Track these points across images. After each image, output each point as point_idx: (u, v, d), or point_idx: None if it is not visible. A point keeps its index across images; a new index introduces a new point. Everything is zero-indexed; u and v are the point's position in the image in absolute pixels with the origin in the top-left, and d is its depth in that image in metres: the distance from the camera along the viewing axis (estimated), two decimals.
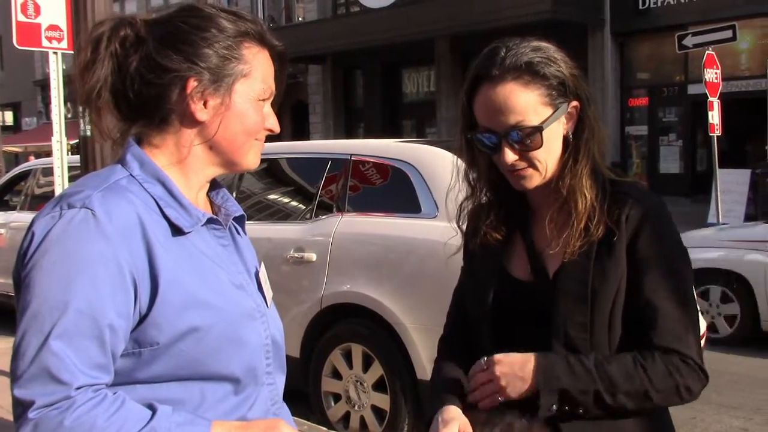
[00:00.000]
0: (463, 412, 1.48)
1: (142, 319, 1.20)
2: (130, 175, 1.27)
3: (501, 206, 1.60)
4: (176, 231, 1.26)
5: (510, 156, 1.47)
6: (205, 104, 1.28)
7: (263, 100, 1.34)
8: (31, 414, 1.10)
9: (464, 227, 1.69)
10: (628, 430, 1.46)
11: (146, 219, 1.22)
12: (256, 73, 1.31)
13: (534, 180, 1.49)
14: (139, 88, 1.28)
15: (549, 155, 1.48)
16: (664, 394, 1.42)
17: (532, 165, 1.48)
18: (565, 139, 1.50)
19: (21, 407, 1.11)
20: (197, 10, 1.31)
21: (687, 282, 1.48)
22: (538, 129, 1.45)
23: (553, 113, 1.46)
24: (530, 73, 1.45)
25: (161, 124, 1.30)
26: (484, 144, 1.50)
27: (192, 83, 1.27)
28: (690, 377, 1.42)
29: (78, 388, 1.12)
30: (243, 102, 1.30)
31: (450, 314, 1.75)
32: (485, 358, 1.46)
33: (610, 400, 1.40)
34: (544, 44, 1.50)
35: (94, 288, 1.14)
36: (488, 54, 1.49)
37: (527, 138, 1.45)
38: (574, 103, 1.49)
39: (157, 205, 1.25)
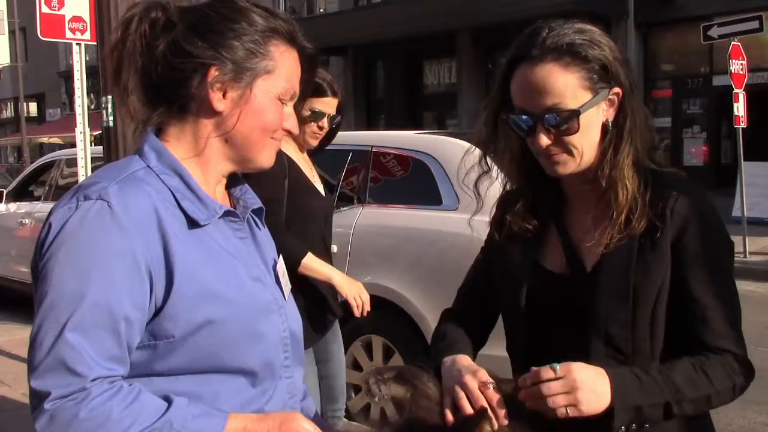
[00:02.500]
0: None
1: (158, 311, 1.20)
2: (147, 166, 1.27)
3: (531, 194, 1.55)
4: (192, 223, 1.25)
5: (544, 139, 1.41)
6: (224, 95, 1.28)
7: (284, 100, 1.33)
8: (47, 405, 1.10)
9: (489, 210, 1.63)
10: None
11: (162, 211, 1.22)
12: (280, 72, 1.31)
13: (569, 166, 1.44)
14: (162, 70, 1.28)
15: (585, 141, 1.42)
16: (723, 395, 1.38)
17: (567, 150, 1.43)
18: (605, 126, 1.44)
19: (37, 398, 1.12)
20: (231, 2, 1.31)
21: (731, 276, 1.44)
22: (575, 113, 1.39)
23: (593, 98, 1.40)
24: (571, 54, 1.39)
25: (180, 113, 1.30)
26: (519, 126, 1.44)
27: (213, 72, 1.26)
28: (743, 376, 1.40)
29: (93, 380, 1.12)
30: (263, 98, 1.30)
31: (463, 290, 1.70)
32: (557, 366, 1.30)
33: (677, 410, 1.35)
34: (588, 27, 1.44)
35: (109, 280, 1.15)
36: (529, 34, 1.44)
37: (564, 122, 1.40)
38: (616, 89, 1.43)
39: (174, 197, 1.25)
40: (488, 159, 1.58)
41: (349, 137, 5.54)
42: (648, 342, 1.41)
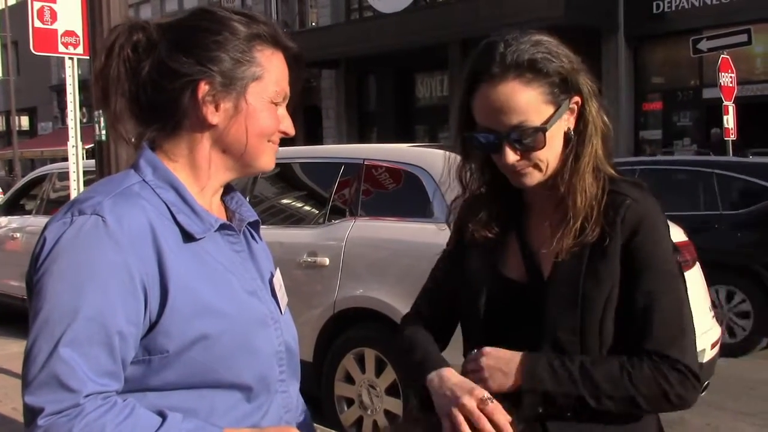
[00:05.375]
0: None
1: (152, 326, 1.19)
2: (143, 180, 1.26)
3: (494, 203, 1.56)
4: (188, 237, 1.25)
5: (511, 157, 1.42)
6: (216, 107, 1.27)
7: (277, 102, 1.33)
8: (40, 421, 1.10)
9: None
10: None
11: (157, 225, 1.21)
12: (269, 76, 1.30)
13: (535, 178, 1.45)
14: (151, 93, 1.27)
15: (551, 153, 1.44)
16: (652, 400, 1.38)
17: (533, 164, 1.44)
18: (567, 135, 1.45)
19: (31, 414, 1.11)
20: (210, 14, 1.30)
21: (680, 285, 1.44)
22: (542, 130, 1.40)
23: (556, 111, 1.41)
24: (533, 70, 1.39)
25: (174, 129, 1.30)
26: (482, 144, 1.45)
27: (203, 87, 1.26)
28: (680, 385, 1.38)
29: (87, 396, 1.12)
30: (256, 104, 1.29)
31: (424, 295, 1.70)
32: (475, 350, 1.45)
33: (594, 404, 1.37)
34: (545, 38, 1.43)
35: (104, 295, 1.14)
36: (486, 50, 1.42)
37: (530, 139, 1.40)
38: (576, 98, 1.44)
39: (169, 210, 1.25)
40: (466, 174, 1.58)
41: (341, 150, 5.56)
42: (597, 349, 1.42)
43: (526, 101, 1.39)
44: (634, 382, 1.37)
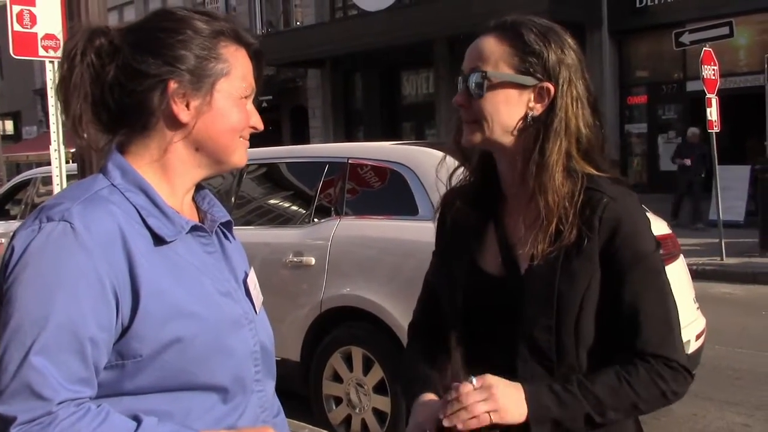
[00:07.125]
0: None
1: (125, 331, 1.19)
2: (112, 184, 1.26)
3: (471, 191, 1.57)
4: (159, 240, 1.24)
5: (459, 97, 1.48)
6: (187, 106, 1.27)
7: (245, 97, 1.33)
8: (13, 430, 1.09)
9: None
10: None
11: (127, 230, 1.21)
12: (235, 72, 1.31)
13: (475, 137, 1.47)
14: (119, 97, 1.27)
15: (495, 115, 1.44)
16: (651, 402, 1.41)
17: (476, 118, 1.46)
18: (527, 117, 1.44)
19: (3, 423, 1.10)
20: (170, 13, 1.31)
21: (664, 280, 1.45)
22: (482, 73, 1.44)
23: (512, 75, 1.44)
24: (513, 33, 1.46)
25: (144, 130, 1.29)
26: (457, 88, 1.51)
27: (173, 86, 1.26)
28: (675, 381, 1.41)
29: (60, 403, 1.11)
30: (225, 101, 1.30)
31: (420, 300, 1.73)
32: (474, 379, 1.37)
33: (599, 419, 1.38)
34: (556, 28, 1.49)
35: (74, 302, 1.13)
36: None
37: (474, 81, 1.45)
38: (547, 84, 1.43)
39: (139, 214, 1.24)
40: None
41: (325, 149, 5.56)
42: (573, 349, 1.42)
43: (489, 51, 1.46)
44: (634, 387, 1.39)
